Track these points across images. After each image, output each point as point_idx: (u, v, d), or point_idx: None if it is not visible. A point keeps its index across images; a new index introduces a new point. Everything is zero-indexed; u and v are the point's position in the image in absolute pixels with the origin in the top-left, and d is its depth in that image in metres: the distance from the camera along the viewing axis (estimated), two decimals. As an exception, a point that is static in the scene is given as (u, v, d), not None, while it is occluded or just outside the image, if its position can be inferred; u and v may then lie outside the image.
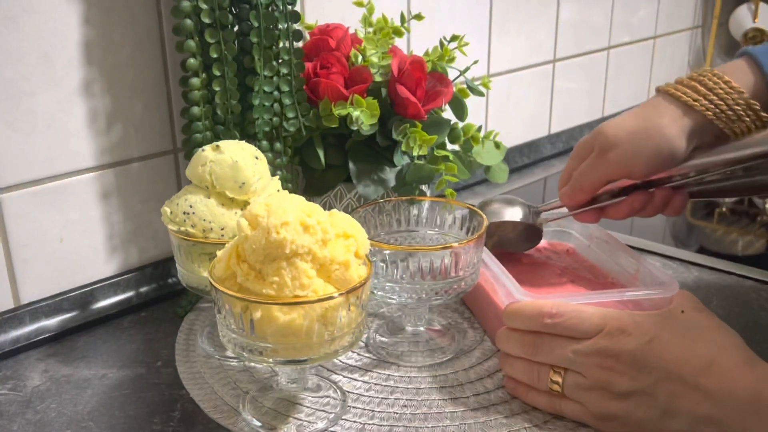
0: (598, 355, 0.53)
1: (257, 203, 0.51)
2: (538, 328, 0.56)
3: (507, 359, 0.59)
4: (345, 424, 0.56)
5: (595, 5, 1.26)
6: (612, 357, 0.52)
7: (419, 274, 0.60)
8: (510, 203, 0.71)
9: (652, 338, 0.51)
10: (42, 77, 0.65)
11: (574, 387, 0.54)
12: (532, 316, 0.56)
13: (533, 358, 0.56)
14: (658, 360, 0.51)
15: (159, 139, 0.74)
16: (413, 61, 0.73)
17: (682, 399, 0.50)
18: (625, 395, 0.51)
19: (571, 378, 0.54)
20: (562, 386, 0.55)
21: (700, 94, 0.61)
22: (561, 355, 0.54)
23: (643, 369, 0.51)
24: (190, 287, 0.64)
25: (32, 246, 0.67)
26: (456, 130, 0.79)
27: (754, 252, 0.93)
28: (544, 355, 0.55)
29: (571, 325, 0.54)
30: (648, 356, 0.51)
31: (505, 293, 0.61)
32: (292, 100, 0.71)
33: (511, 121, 1.16)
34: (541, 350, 0.56)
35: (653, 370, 0.51)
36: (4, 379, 0.63)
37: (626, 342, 0.52)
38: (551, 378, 0.55)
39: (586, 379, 0.53)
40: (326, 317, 0.50)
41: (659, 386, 0.50)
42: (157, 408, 0.58)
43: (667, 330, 0.52)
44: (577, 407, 0.54)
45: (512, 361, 0.58)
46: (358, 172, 0.73)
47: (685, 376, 0.50)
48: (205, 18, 0.66)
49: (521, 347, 0.57)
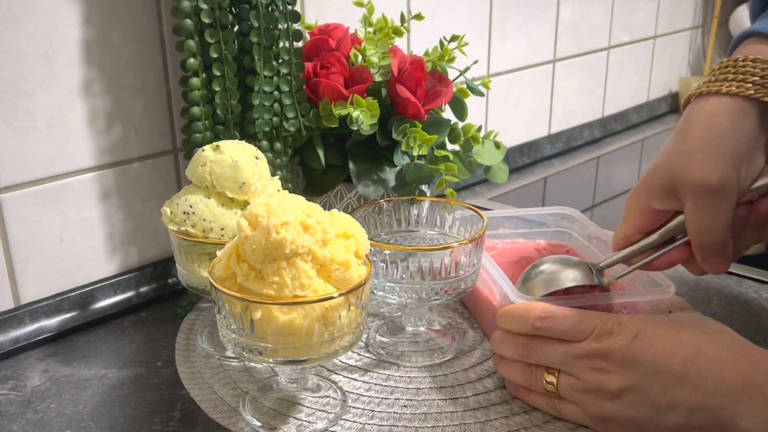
0: (588, 357, 0.53)
1: (257, 203, 0.51)
2: (528, 330, 0.56)
3: (502, 361, 0.59)
4: (345, 424, 0.56)
5: (595, 5, 1.26)
6: (601, 358, 0.52)
7: (419, 274, 0.60)
8: (567, 264, 0.60)
9: (636, 334, 0.52)
10: (42, 77, 0.65)
11: (568, 388, 0.54)
12: (522, 318, 0.56)
13: (527, 360, 0.56)
14: (645, 354, 0.51)
15: (159, 139, 0.74)
16: (413, 61, 0.73)
17: (674, 391, 0.50)
18: (618, 394, 0.52)
19: (564, 379, 0.54)
20: (557, 387, 0.55)
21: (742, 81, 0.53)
22: (553, 357, 0.55)
23: (631, 365, 0.51)
24: (190, 287, 0.64)
25: (32, 246, 0.67)
26: (456, 130, 0.79)
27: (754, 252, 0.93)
28: (538, 358, 0.56)
29: (561, 328, 0.54)
30: (635, 352, 0.51)
31: (501, 295, 0.61)
32: (292, 100, 0.71)
33: (511, 121, 1.16)
34: (534, 353, 0.56)
35: (641, 365, 0.51)
36: (4, 379, 0.63)
37: (613, 342, 0.52)
38: (546, 379, 0.55)
39: (579, 381, 0.54)
40: (326, 317, 0.50)
41: (649, 381, 0.50)
42: (157, 408, 0.58)
43: (651, 325, 0.52)
44: (575, 409, 0.55)
45: (508, 363, 0.58)
46: (358, 172, 0.73)
47: (673, 367, 0.50)
48: (205, 18, 0.66)
49: (514, 350, 0.57)
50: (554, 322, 0.54)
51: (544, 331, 0.55)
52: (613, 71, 1.35)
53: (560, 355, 0.54)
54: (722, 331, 0.52)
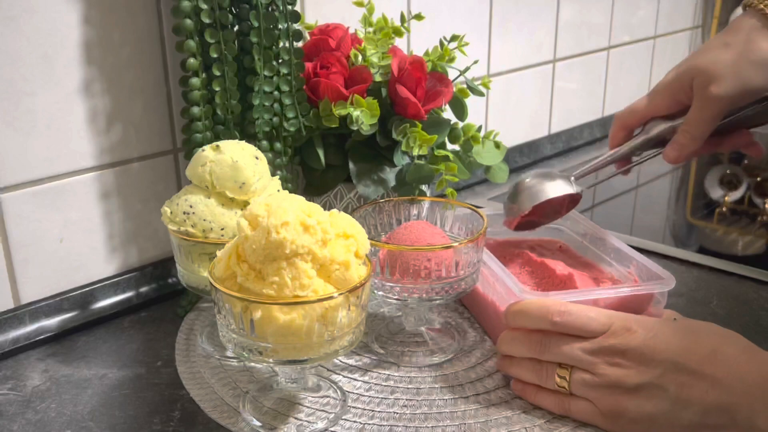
0: (606, 353, 0.53)
1: (257, 203, 0.51)
2: (545, 326, 0.56)
3: (512, 361, 0.59)
4: (345, 424, 0.56)
5: (595, 5, 1.26)
6: (619, 354, 0.53)
7: (419, 274, 0.60)
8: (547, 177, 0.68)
9: (656, 333, 0.52)
10: (42, 77, 0.65)
11: (582, 384, 0.54)
12: (540, 315, 0.56)
13: (541, 356, 0.56)
14: (664, 352, 0.51)
15: (159, 139, 0.74)
16: (413, 61, 0.73)
17: (691, 389, 0.50)
18: (635, 389, 0.52)
19: (578, 375, 0.54)
20: (569, 383, 0.55)
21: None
22: (569, 353, 0.55)
23: (650, 362, 0.52)
24: (190, 287, 0.64)
25: (32, 246, 0.67)
26: (456, 130, 0.79)
27: (754, 252, 0.93)
28: (552, 354, 0.56)
29: (579, 323, 0.54)
30: (654, 350, 0.52)
31: (507, 292, 0.61)
32: (292, 100, 0.71)
33: (511, 121, 1.16)
34: (548, 349, 0.56)
35: (660, 362, 0.51)
36: (4, 379, 0.63)
37: (632, 338, 0.53)
38: (558, 374, 0.55)
39: (594, 377, 0.54)
40: (326, 317, 0.50)
41: (668, 377, 0.51)
42: (157, 408, 0.58)
43: (668, 327, 0.53)
44: (587, 406, 0.55)
45: (518, 362, 0.58)
46: (358, 172, 0.73)
47: (692, 365, 0.50)
48: (205, 18, 0.66)
49: (528, 347, 0.57)
50: (572, 317, 0.55)
51: (562, 326, 0.55)
52: (613, 71, 1.35)
53: (576, 350, 0.54)
54: (733, 335, 0.53)
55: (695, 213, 1.07)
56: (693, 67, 0.63)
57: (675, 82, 0.65)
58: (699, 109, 0.63)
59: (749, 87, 0.61)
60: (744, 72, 0.61)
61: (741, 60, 0.61)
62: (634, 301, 0.61)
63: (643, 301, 0.62)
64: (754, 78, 0.61)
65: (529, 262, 0.71)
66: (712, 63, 0.62)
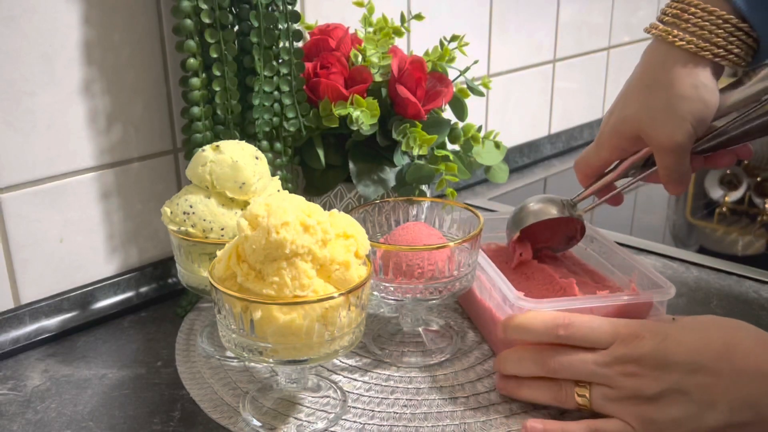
0: (618, 363, 0.52)
1: (257, 203, 0.51)
2: (551, 340, 0.54)
3: (521, 383, 0.57)
4: (345, 424, 0.56)
5: (595, 5, 1.26)
6: (633, 362, 0.52)
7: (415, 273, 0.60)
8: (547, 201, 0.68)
9: (665, 337, 0.51)
10: (42, 77, 0.65)
11: (603, 399, 0.53)
12: (545, 329, 0.54)
13: (555, 375, 0.54)
14: (677, 354, 0.51)
15: (159, 139, 0.74)
16: (413, 61, 0.73)
17: (713, 388, 0.49)
18: (657, 397, 0.51)
19: (597, 391, 0.53)
20: (590, 400, 0.53)
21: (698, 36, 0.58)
22: (583, 368, 0.53)
23: (665, 367, 0.51)
24: (190, 287, 0.64)
25: (32, 246, 0.67)
26: (456, 130, 0.79)
27: (754, 252, 0.93)
28: (567, 371, 0.54)
29: (584, 334, 0.53)
30: (666, 353, 0.51)
31: (502, 298, 0.60)
32: (292, 100, 0.71)
33: (511, 121, 1.16)
34: (562, 365, 0.54)
35: (676, 365, 0.50)
36: (4, 379, 0.63)
37: (642, 345, 0.52)
38: (577, 392, 0.54)
39: (613, 390, 0.52)
40: (326, 317, 0.50)
41: (686, 381, 0.50)
42: (157, 408, 0.59)
43: (675, 328, 0.52)
44: (617, 424, 0.52)
45: (529, 384, 0.56)
46: (358, 172, 0.73)
47: (707, 363, 0.50)
48: (205, 18, 0.66)
49: (539, 365, 0.55)
50: (576, 328, 0.53)
51: (567, 338, 0.54)
52: (613, 71, 1.35)
53: (590, 365, 0.53)
54: (744, 325, 0.52)
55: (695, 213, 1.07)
56: (626, 119, 0.61)
57: (615, 137, 0.63)
58: (662, 158, 0.60)
59: (697, 118, 0.58)
60: (681, 109, 0.58)
61: (673, 98, 0.58)
62: (632, 311, 0.60)
63: (641, 310, 0.61)
64: (695, 110, 0.58)
65: (530, 268, 0.71)
66: (645, 111, 0.59)
